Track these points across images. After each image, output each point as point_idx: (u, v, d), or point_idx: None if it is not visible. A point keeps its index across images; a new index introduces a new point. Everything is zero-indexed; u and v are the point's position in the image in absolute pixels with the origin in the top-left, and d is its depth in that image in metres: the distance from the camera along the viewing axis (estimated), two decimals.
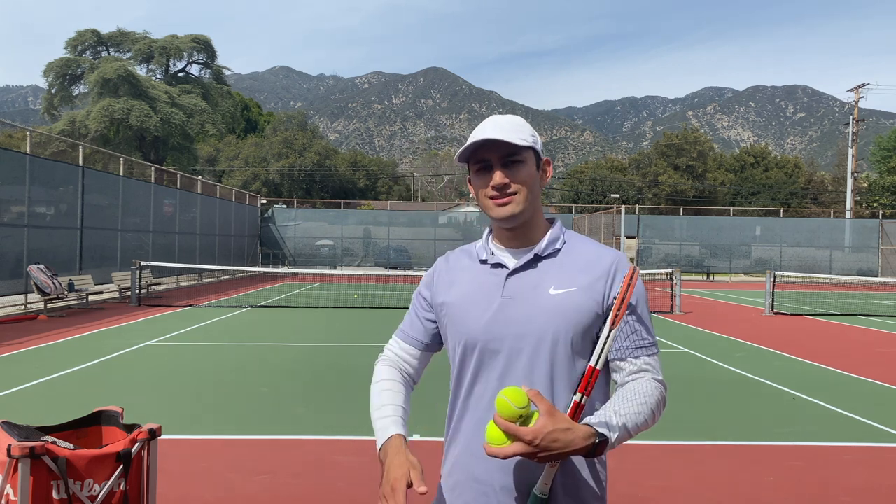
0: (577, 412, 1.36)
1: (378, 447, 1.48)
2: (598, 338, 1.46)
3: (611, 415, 1.38)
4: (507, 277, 1.53)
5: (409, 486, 1.34)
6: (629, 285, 1.41)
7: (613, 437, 1.34)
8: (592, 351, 1.44)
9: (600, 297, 1.47)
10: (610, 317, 1.41)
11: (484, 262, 1.59)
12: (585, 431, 1.31)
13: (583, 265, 1.51)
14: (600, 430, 1.33)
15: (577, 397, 1.37)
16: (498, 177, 1.49)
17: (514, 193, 1.50)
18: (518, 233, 1.56)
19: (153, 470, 2.52)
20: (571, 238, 1.59)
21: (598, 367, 1.38)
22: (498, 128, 1.50)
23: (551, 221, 1.62)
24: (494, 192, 1.50)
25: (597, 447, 1.32)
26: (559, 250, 1.55)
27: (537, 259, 1.54)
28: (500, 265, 1.56)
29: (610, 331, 1.40)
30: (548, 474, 1.36)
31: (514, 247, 1.58)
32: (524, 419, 1.29)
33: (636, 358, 1.49)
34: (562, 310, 1.46)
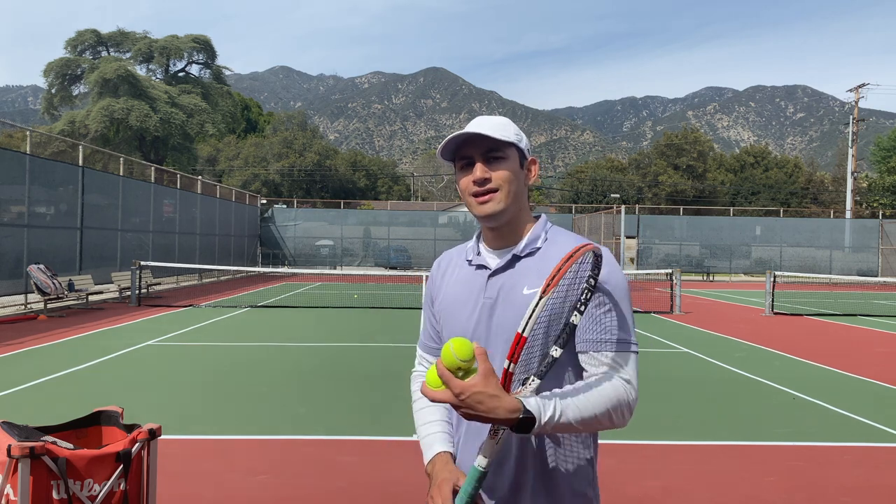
0: (507, 380, 1.31)
1: (425, 462, 1.54)
2: (567, 323, 1.40)
3: (550, 398, 1.33)
4: (488, 279, 1.54)
5: (455, 491, 1.41)
6: (569, 258, 1.33)
7: (544, 418, 1.29)
8: (560, 335, 1.37)
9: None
10: (542, 284, 1.33)
11: (471, 262, 1.61)
12: (512, 405, 1.28)
13: (557, 261, 1.48)
14: (528, 407, 1.29)
15: (505, 364, 1.31)
16: (479, 170, 1.51)
17: (496, 190, 1.50)
18: (502, 232, 1.56)
19: (153, 470, 2.52)
20: (554, 235, 1.56)
21: (526, 334, 1.29)
22: (480, 125, 1.52)
23: (538, 219, 1.62)
24: (476, 188, 1.51)
25: (522, 423, 1.29)
26: (539, 249, 1.53)
27: (515, 259, 1.54)
28: (483, 266, 1.57)
29: (540, 298, 1.30)
30: (487, 447, 1.34)
31: (497, 247, 1.59)
32: (465, 372, 1.30)
33: (598, 352, 1.43)
34: (559, 287, 1.41)
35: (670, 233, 35.51)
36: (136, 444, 2.41)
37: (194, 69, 48.98)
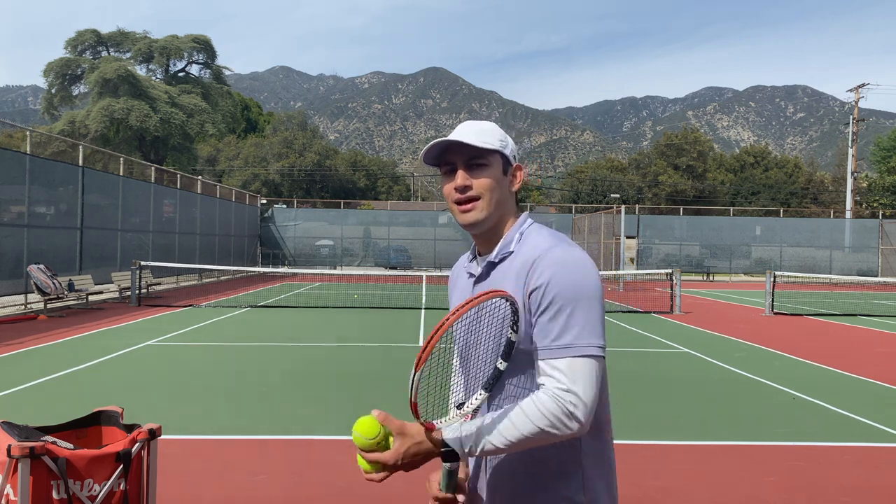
0: (425, 425, 1.37)
1: None
2: (507, 340, 1.40)
3: (469, 427, 1.36)
4: (473, 287, 1.56)
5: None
6: (438, 329, 1.32)
7: (465, 449, 1.35)
8: (503, 350, 1.39)
9: (520, 293, 1.42)
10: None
11: (466, 269, 1.64)
12: (436, 442, 1.36)
13: (519, 264, 1.46)
14: (447, 440, 1.35)
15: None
16: (460, 178, 1.50)
17: (477, 198, 1.49)
18: (485, 239, 1.56)
19: (153, 470, 2.52)
20: (529, 235, 1.52)
21: (413, 399, 1.32)
22: (462, 132, 1.51)
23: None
24: (458, 196, 1.51)
25: (447, 455, 1.36)
26: (511, 252, 1.50)
27: (491, 266, 1.53)
28: (472, 274, 1.59)
29: (414, 373, 1.30)
30: None
31: (483, 253, 1.59)
32: (385, 443, 1.36)
33: (542, 360, 1.38)
34: (493, 315, 1.42)
35: (670, 233, 35.52)
36: (136, 444, 2.41)
37: (194, 69, 49.07)
